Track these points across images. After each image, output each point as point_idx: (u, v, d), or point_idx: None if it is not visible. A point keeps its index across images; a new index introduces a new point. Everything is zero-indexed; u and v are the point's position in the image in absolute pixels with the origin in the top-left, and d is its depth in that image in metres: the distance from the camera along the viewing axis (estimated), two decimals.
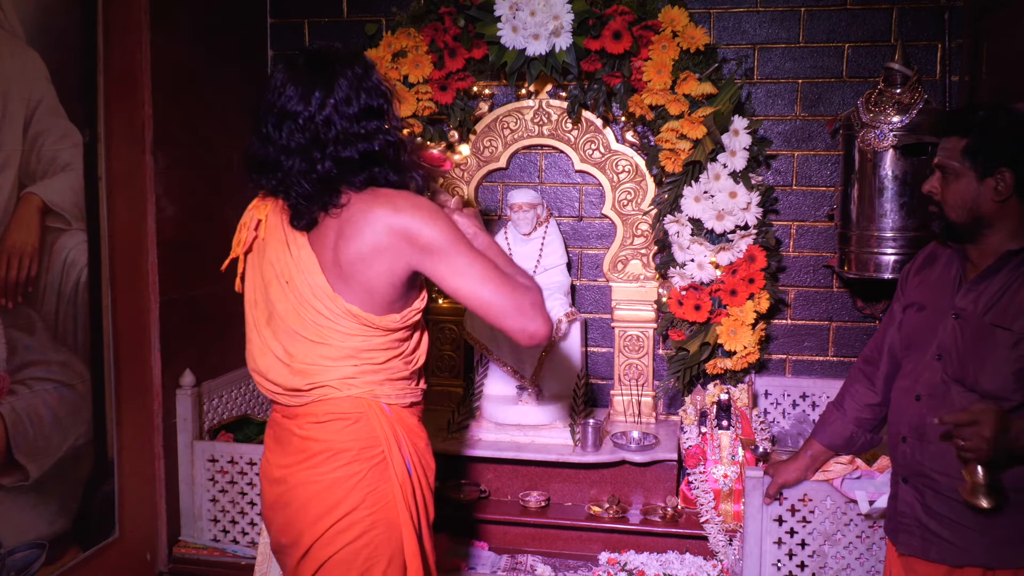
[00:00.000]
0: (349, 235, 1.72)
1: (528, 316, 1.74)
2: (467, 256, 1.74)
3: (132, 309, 2.80)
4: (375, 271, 1.73)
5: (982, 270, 1.86)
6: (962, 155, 1.82)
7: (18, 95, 2.31)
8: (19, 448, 2.33)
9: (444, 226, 1.73)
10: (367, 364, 1.80)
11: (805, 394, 3.28)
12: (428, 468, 1.90)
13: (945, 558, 1.85)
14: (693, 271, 3.06)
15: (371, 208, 1.72)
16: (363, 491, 1.78)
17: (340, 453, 1.79)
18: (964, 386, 1.83)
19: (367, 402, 1.81)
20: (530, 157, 3.50)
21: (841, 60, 3.24)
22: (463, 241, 1.75)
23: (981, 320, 1.83)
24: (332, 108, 1.71)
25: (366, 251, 1.72)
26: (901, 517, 1.94)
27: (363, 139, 1.74)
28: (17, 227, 2.32)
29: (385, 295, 1.76)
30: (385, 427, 1.81)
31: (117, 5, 2.70)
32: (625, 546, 2.89)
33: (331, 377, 1.79)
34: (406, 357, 1.87)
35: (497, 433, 3.12)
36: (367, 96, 1.75)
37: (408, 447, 1.84)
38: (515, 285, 1.76)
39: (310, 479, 1.80)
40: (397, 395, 1.85)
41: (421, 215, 1.72)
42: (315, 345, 1.79)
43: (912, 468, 1.91)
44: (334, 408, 1.80)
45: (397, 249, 1.71)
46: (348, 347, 1.78)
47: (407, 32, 3.20)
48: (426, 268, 1.74)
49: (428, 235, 1.71)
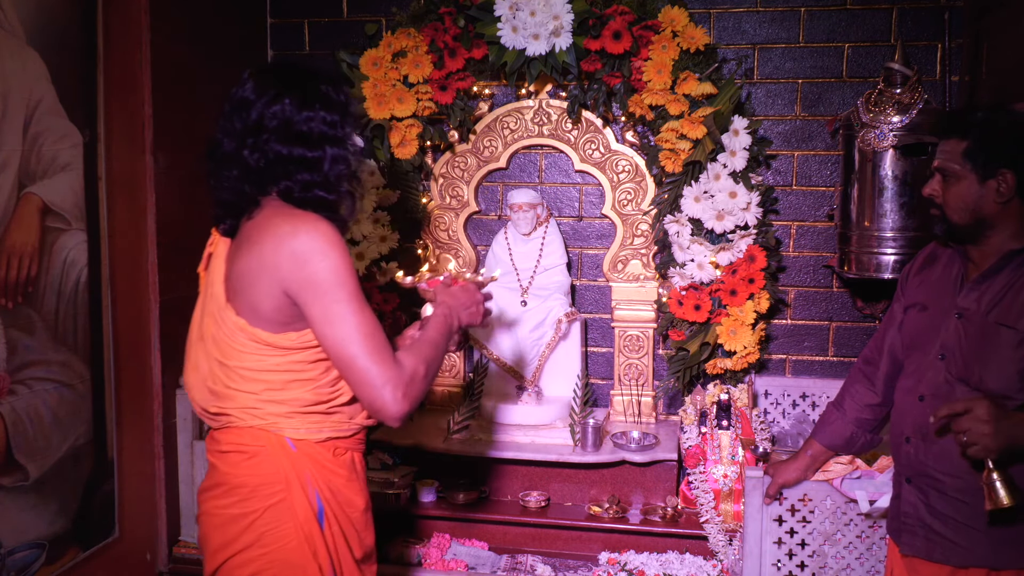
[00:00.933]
0: (243, 250, 1.66)
1: (381, 391, 1.60)
2: (347, 305, 1.60)
3: (132, 309, 2.80)
4: (257, 289, 1.64)
5: (984, 270, 1.86)
6: (963, 157, 1.82)
7: (18, 95, 2.31)
8: (19, 448, 2.33)
9: (335, 264, 1.60)
10: (268, 390, 1.69)
11: (805, 394, 3.28)
12: (348, 506, 1.78)
13: (949, 559, 1.84)
14: (693, 271, 3.06)
15: (270, 225, 1.64)
16: (258, 531, 1.70)
17: (236, 488, 1.72)
18: (969, 386, 1.82)
19: (268, 436, 1.71)
20: (530, 157, 3.50)
21: (841, 60, 3.24)
22: (350, 289, 1.61)
23: (985, 319, 1.82)
24: (284, 104, 1.67)
25: (253, 266, 1.64)
26: (905, 518, 1.93)
27: (302, 140, 1.68)
28: (17, 227, 2.32)
29: (271, 315, 1.65)
30: (285, 465, 1.70)
31: (117, 5, 2.70)
32: (625, 546, 2.89)
33: (236, 405, 1.71)
34: (318, 388, 1.72)
35: (497, 433, 3.12)
36: (322, 105, 1.70)
37: (319, 486, 1.73)
38: (388, 357, 1.62)
39: (211, 510, 1.75)
40: (307, 429, 1.72)
41: (315, 244, 1.60)
42: (220, 365, 1.72)
43: (916, 468, 1.90)
44: (235, 439, 1.73)
45: (278, 275, 1.61)
46: (244, 367, 1.69)
47: (407, 32, 3.20)
48: (301, 303, 1.62)
49: (313, 269, 1.59)
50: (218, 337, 1.71)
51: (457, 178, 3.42)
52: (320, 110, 1.70)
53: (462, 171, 3.42)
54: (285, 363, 1.69)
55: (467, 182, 3.42)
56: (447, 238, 3.45)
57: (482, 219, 3.53)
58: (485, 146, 3.40)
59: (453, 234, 3.45)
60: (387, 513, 2.97)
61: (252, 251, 1.65)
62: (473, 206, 3.45)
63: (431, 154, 3.45)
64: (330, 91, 1.73)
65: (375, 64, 3.20)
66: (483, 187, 3.51)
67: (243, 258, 1.67)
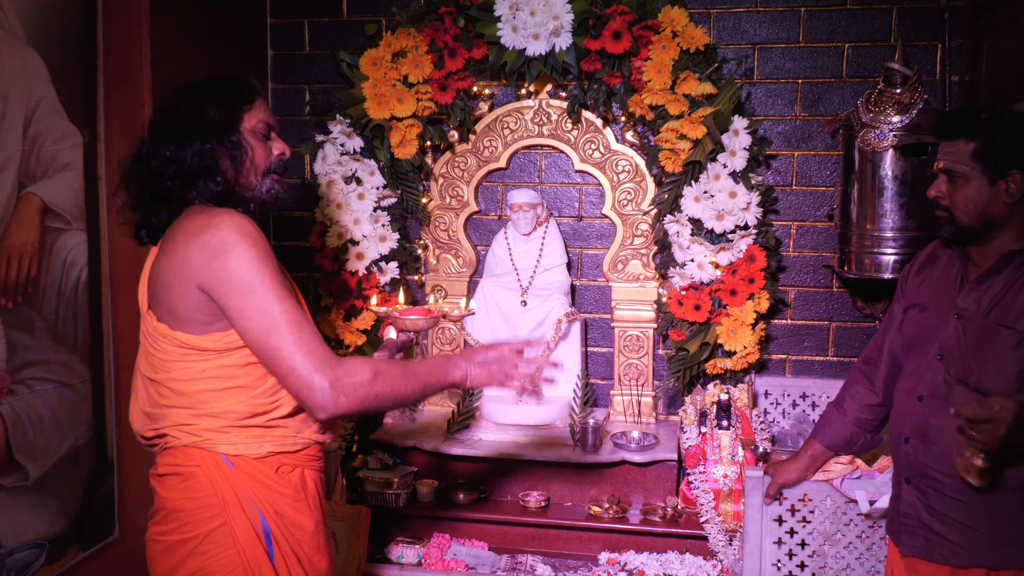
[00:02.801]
0: (163, 252, 1.63)
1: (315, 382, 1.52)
2: (263, 296, 1.53)
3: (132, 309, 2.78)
4: (173, 289, 1.59)
5: (984, 270, 1.86)
6: (972, 159, 1.80)
7: (18, 95, 2.31)
8: (19, 448, 2.33)
9: (248, 255, 1.54)
10: (200, 403, 1.62)
11: (805, 394, 3.27)
12: (295, 526, 1.68)
13: (949, 559, 1.84)
14: (693, 271, 3.06)
15: (184, 225, 1.61)
16: (199, 559, 1.61)
17: (174, 514, 1.64)
18: (967, 386, 1.82)
19: (202, 454, 1.62)
20: (530, 157, 3.50)
21: (841, 60, 3.24)
22: (268, 281, 1.55)
23: (984, 320, 1.82)
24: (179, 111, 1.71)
25: (169, 272, 1.60)
26: (904, 518, 1.93)
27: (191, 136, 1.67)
28: (17, 227, 2.32)
29: (190, 315, 1.59)
30: (222, 485, 1.61)
31: (117, 5, 2.69)
32: (625, 546, 2.89)
33: (169, 423, 1.64)
34: (254, 397, 1.63)
35: (497, 433, 3.12)
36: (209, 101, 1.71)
37: (260, 506, 1.63)
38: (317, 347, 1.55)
39: (153, 536, 1.68)
40: (245, 444, 1.63)
41: (229, 239, 1.54)
42: (151, 382, 1.66)
43: (915, 469, 1.91)
44: (171, 461, 1.65)
45: (193, 267, 1.56)
46: (172, 378, 1.62)
47: (407, 32, 3.20)
48: (217, 300, 1.56)
49: (223, 261, 1.53)
50: (147, 350, 1.66)
51: (457, 178, 3.42)
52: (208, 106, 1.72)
53: (462, 171, 3.42)
54: (213, 368, 1.61)
55: (467, 182, 3.42)
56: (447, 238, 3.45)
57: (482, 219, 3.53)
58: (485, 146, 3.40)
59: (453, 234, 3.45)
60: (387, 513, 2.97)
61: (166, 255, 1.62)
62: (473, 206, 3.45)
63: (431, 154, 3.45)
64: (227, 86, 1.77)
65: (375, 64, 3.20)
66: (483, 187, 3.51)
67: (158, 263, 1.64)
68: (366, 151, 3.29)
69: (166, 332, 1.61)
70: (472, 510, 2.99)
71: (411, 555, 2.84)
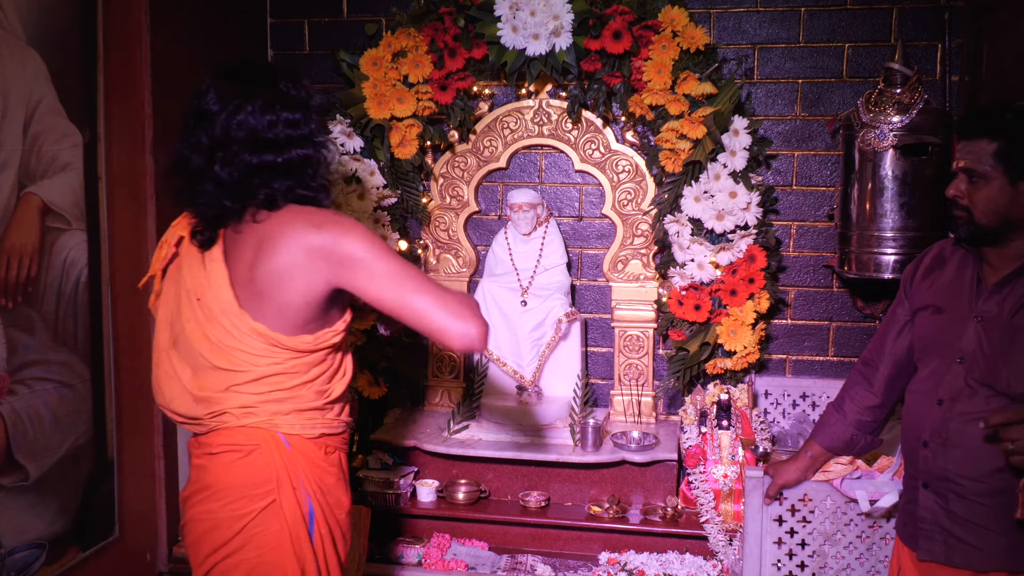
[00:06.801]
0: (267, 252, 1.68)
1: (460, 318, 1.67)
2: (389, 262, 1.68)
3: (132, 309, 2.80)
4: (290, 289, 1.67)
5: (1005, 274, 1.83)
6: (994, 159, 1.78)
7: (18, 95, 2.31)
8: (19, 448, 2.33)
9: (362, 236, 1.68)
10: (274, 390, 1.72)
11: (805, 394, 3.27)
12: (337, 506, 1.80)
13: (970, 563, 1.82)
14: (693, 271, 3.06)
15: (290, 225, 1.68)
16: (249, 532, 1.70)
17: (226, 490, 1.72)
18: (994, 390, 1.79)
19: (263, 433, 1.72)
20: (530, 157, 3.50)
21: (841, 60, 3.24)
22: (384, 249, 1.69)
23: (1010, 322, 1.80)
24: (247, 113, 1.68)
25: (282, 269, 1.67)
26: (921, 523, 1.90)
27: (270, 147, 1.69)
28: (17, 227, 2.32)
29: (299, 314, 1.70)
30: (278, 463, 1.71)
31: (117, 5, 2.69)
32: (625, 546, 2.89)
33: (231, 405, 1.71)
34: (320, 385, 1.77)
35: (497, 433, 3.12)
36: (283, 106, 1.71)
37: (310, 485, 1.74)
38: (443, 289, 1.71)
39: (200, 516, 1.74)
40: (302, 425, 1.75)
41: (340, 229, 1.67)
42: (220, 371, 1.71)
43: (934, 473, 1.87)
44: (228, 439, 1.73)
45: (315, 268, 1.66)
46: (255, 371, 1.70)
47: (407, 32, 3.20)
48: (345, 281, 1.68)
49: (346, 248, 1.66)
50: (222, 344, 1.70)
51: (457, 178, 3.42)
52: (282, 111, 1.70)
53: (462, 171, 3.42)
54: (294, 364, 1.72)
55: (467, 182, 3.42)
56: (447, 238, 3.45)
57: (482, 219, 3.53)
58: (485, 146, 3.40)
59: (453, 234, 3.45)
60: (387, 513, 2.97)
61: (273, 257, 1.67)
62: (473, 206, 3.45)
63: (431, 154, 3.45)
64: (290, 88, 1.73)
65: (375, 64, 3.20)
66: (483, 187, 3.51)
67: (265, 262, 1.67)
68: (366, 151, 3.29)
69: (264, 331, 1.68)
70: (472, 510, 2.99)
71: (411, 555, 2.84)
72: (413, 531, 3.00)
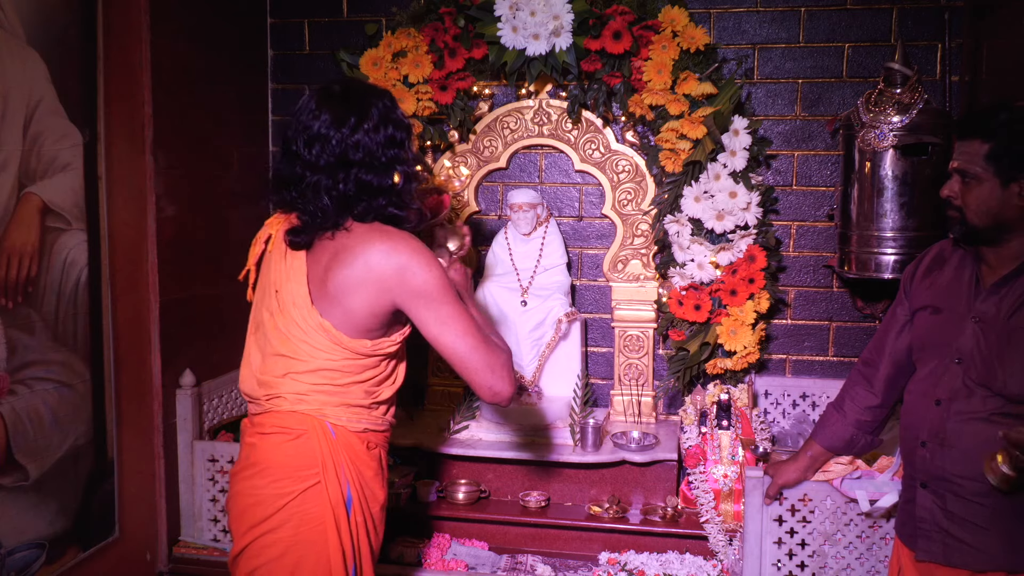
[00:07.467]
0: (343, 261, 1.80)
1: (497, 375, 1.83)
2: (452, 307, 1.81)
3: (132, 309, 2.80)
4: (358, 300, 1.79)
5: (1004, 274, 1.84)
6: (986, 160, 1.79)
7: (18, 95, 2.31)
8: (19, 448, 2.33)
9: (437, 275, 1.80)
10: (327, 384, 1.84)
11: (805, 394, 3.28)
12: (372, 498, 1.91)
13: (968, 563, 1.83)
14: (693, 271, 3.06)
15: (370, 241, 1.80)
16: (290, 511, 1.81)
17: (272, 468, 1.83)
18: (991, 390, 1.80)
19: (312, 420, 1.84)
20: (530, 157, 3.50)
21: (841, 60, 3.24)
22: (451, 292, 1.82)
23: (1007, 323, 1.80)
24: (363, 133, 1.80)
25: (354, 280, 1.79)
26: (920, 523, 1.90)
27: (383, 168, 1.82)
28: (17, 227, 2.32)
29: (364, 322, 1.82)
30: (324, 449, 1.83)
31: (117, 5, 2.69)
32: (625, 546, 2.89)
33: (286, 390, 1.84)
34: (370, 387, 1.89)
35: (497, 433, 3.12)
36: (393, 127, 1.83)
37: (351, 473, 1.86)
38: (490, 345, 1.84)
39: (245, 491, 1.85)
40: (348, 419, 1.87)
41: (417, 259, 1.79)
42: (282, 357, 1.84)
43: (932, 473, 1.88)
44: (279, 422, 1.85)
45: (386, 286, 1.78)
46: (313, 363, 1.83)
47: (407, 32, 3.20)
48: (410, 310, 1.81)
49: (420, 280, 1.78)
50: (289, 334, 1.82)
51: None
52: (393, 131, 1.83)
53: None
54: (353, 365, 1.84)
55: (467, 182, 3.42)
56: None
57: (482, 219, 3.53)
58: (485, 146, 3.40)
59: None
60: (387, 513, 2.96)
61: (348, 267, 1.79)
62: (473, 206, 3.45)
63: (431, 154, 3.45)
64: (396, 111, 1.87)
65: (375, 64, 3.20)
66: (483, 187, 3.51)
67: (341, 270, 1.79)
68: None
69: (329, 329, 1.80)
70: (472, 510, 2.99)
71: (411, 555, 2.84)
72: (413, 531, 3.00)
